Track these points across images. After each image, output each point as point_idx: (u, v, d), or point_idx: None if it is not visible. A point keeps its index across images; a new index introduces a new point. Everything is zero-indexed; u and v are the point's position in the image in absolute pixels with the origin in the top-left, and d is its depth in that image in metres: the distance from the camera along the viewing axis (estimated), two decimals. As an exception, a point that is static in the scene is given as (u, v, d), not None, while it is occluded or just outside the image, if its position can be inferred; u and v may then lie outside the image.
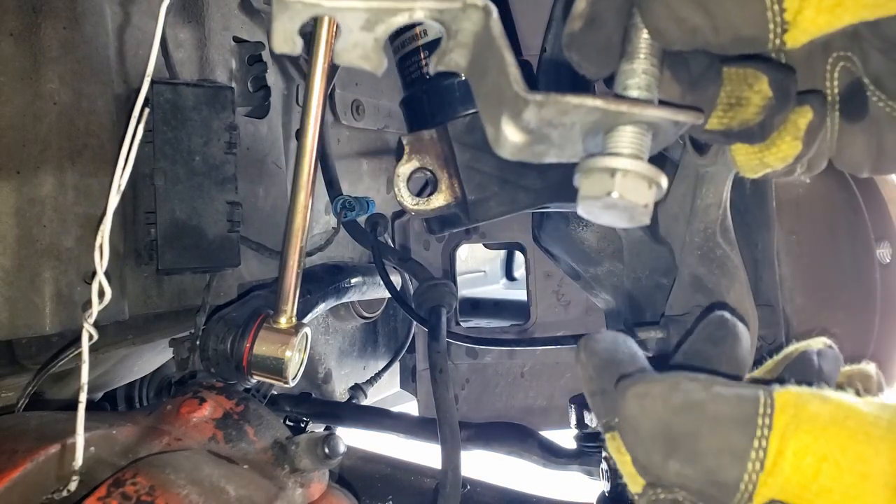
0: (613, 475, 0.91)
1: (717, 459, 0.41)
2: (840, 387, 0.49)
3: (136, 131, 0.63)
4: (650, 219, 0.41)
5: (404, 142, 0.79)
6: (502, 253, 2.25)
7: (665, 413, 0.42)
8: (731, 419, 0.41)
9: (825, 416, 0.40)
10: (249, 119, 1.11)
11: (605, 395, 0.47)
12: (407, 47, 0.80)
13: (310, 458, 0.74)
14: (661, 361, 0.49)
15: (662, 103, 0.42)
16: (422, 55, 0.79)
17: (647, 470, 0.44)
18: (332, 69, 0.75)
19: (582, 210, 0.41)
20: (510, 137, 0.41)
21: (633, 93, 0.41)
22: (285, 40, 0.38)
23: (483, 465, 1.14)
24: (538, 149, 0.43)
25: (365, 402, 1.52)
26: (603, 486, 0.94)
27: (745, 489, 0.40)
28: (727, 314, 0.51)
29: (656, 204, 0.41)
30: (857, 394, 0.43)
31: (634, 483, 0.46)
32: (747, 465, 0.40)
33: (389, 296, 1.13)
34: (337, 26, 0.41)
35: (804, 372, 0.49)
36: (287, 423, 1.16)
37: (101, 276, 0.61)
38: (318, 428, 1.25)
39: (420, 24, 0.79)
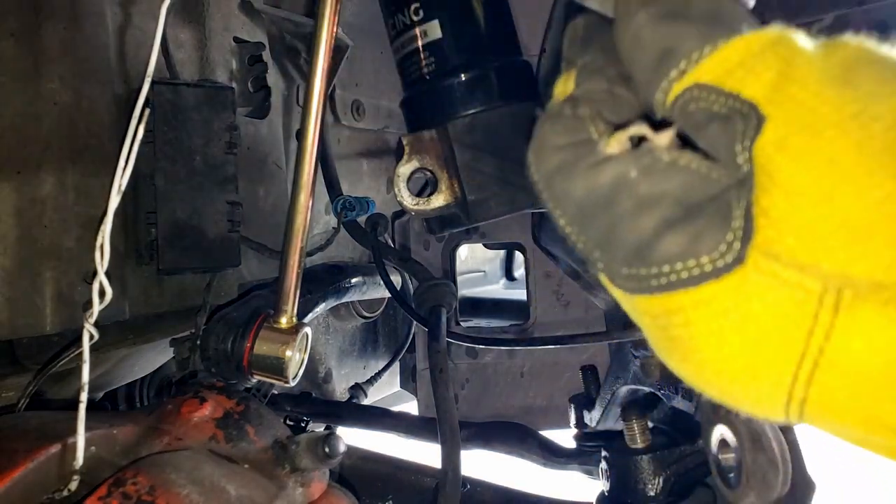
0: (613, 475, 0.91)
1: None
2: None
3: (136, 131, 0.63)
4: None
5: (404, 142, 0.79)
6: (502, 253, 2.25)
7: None
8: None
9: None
10: (250, 119, 1.11)
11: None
12: (407, 48, 0.80)
13: (310, 458, 0.74)
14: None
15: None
16: (422, 56, 0.79)
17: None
18: (333, 70, 0.75)
19: None
20: None
21: None
22: None
23: (483, 464, 1.14)
24: None
25: (365, 402, 1.52)
26: (602, 485, 0.94)
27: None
28: None
29: None
30: None
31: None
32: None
33: (389, 296, 1.13)
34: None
35: None
36: (287, 422, 1.17)
37: (101, 276, 0.61)
38: (318, 427, 1.26)
39: (420, 24, 0.79)
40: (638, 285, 0.36)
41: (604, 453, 0.93)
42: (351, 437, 1.01)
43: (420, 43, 0.79)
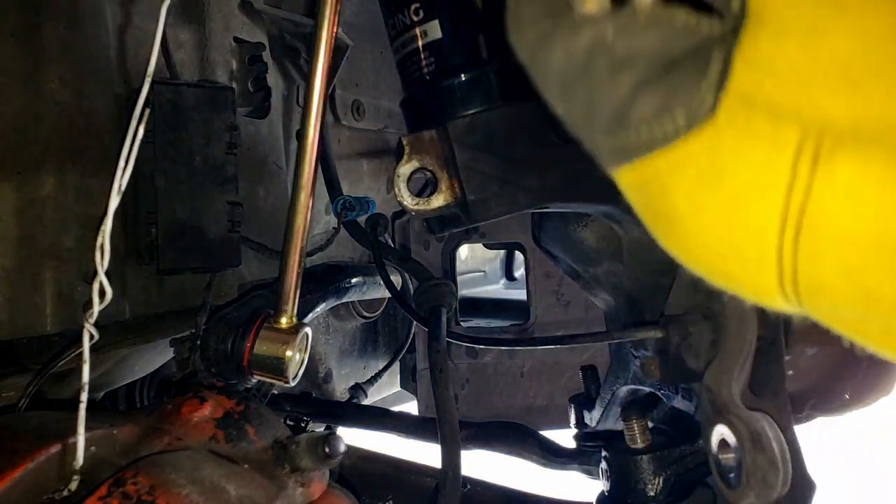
0: (613, 475, 0.91)
1: None
2: None
3: (136, 131, 0.63)
4: None
5: (404, 142, 0.79)
6: (502, 253, 2.25)
7: None
8: None
9: None
10: (250, 119, 1.11)
11: None
12: (407, 48, 0.80)
13: (310, 458, 0.74)
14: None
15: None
16: (422, 56, 0.79)
17: None
18: (333, 70, 0.75)
19: None
20: None
21: None
22: None
23: (483, 464, 1.14)
24: None
25: (365, 402, 1.52)
26: (602, 485, 0.94)
27: None
28: None
29: None
30: None
31: None
32: None
33: (389, 296, 1.13)
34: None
35: None
36: (287, 422, 1.17)
37: (101, 276, 0.61)
38: (318, 427, 1.26)
39: (420, 24, 0.79)
40: (619, 156, 0.35)
41: (604, 453, 0.93)
42: (351, 437, 1.01)
43: (420, 43, 0.79)
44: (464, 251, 1.95)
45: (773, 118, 0.29)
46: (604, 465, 0.93)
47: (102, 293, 0.62)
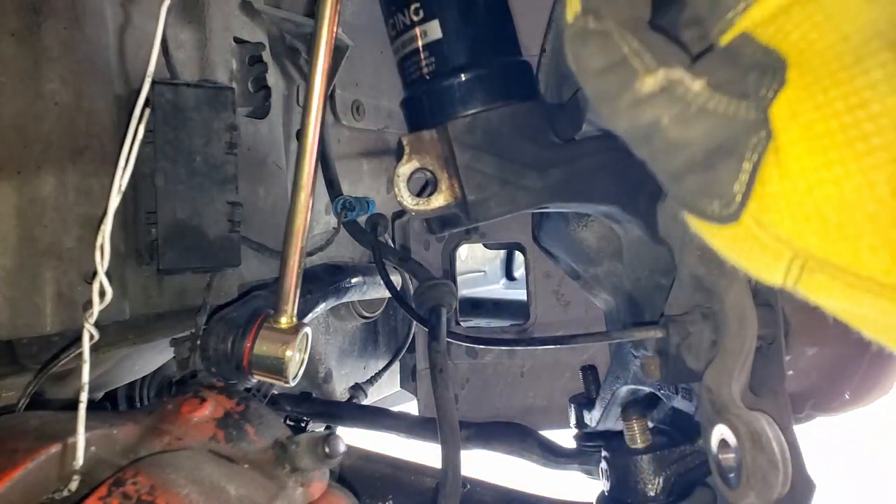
0: (613, 475, 0.91)
1: None
2: None
3: (136, 131, 0.63)
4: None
5: (404, 142, 0.79)
6: (502, 253, 2.25)
7: None
8: None
9: None
10: (250, 119, 1.11)
11: None
12: (407, 48, 0.80)
13: (310, 458, 0.74)
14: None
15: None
16: (422, 56, 0.79)
17: None
18: (333, 70, 0.75)
19: None
20: None
21: None
22: None
23: (483, 464, 1.14)
24: None
25: (365, 402, 1.52)
26: (602, 485, 0.94)
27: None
28: None
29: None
30: None
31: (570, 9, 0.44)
32: None
33: (389, 295, 1.13)
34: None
35: None
36: (287, 422, 1.17)
37: (101, 276, 0.61)
38: (318, 427, 1.26)
39: (420, 24, 0.79)
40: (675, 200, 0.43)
41: (604, 453, 0.93)
42: (351, 437, 1.01)
43: (420, 43, 0.79)
44: (464, 251, 1.95)
45: (774, 239, 0.39)
46: (604, 465, 0.93)
47: (102, 293, 0.62)
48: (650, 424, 0.90)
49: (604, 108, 0.43)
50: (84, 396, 0.62)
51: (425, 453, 1.06)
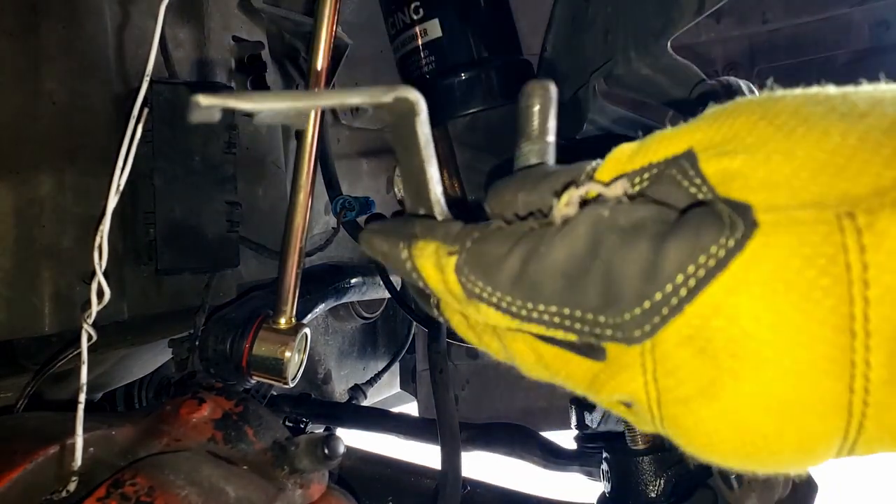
0: (614, 476, 0.91)
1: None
2: None
3: (135, 131, 0.63)
4: None
5: (404, 141, 0.79)
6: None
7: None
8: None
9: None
10: (249, 119, 1.10)
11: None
12: (407, 46, 0.80)
13: (309, 459, 0.74)
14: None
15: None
16: (422, 54, 0.79)
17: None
18: (332, 69, 0.75)
19: None
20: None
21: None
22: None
23: (483, 465, 1.14)
24: None
25: (365, 403, 1.52)
26: (603, 486, 0.93)
27: None
28: None
29: None
30: None
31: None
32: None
33: (389, 296, 1.13)
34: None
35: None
36: (286, 424, 1.16)
37: (99, 277, 0.61)
38: (317, 429, 1.25)
39: (420, 23, 0.79)
40: (662, 316, 0.33)
41: (605, 454, 0.93)
42: (350, 438, 1.01)
43: (420, 42, 0.78)
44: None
45: (804, 207, 0.31)
46: (605, 466, 0.92)
47: (101, 293, 0.61)
48: (651, 425, 0.89)
49: (525, 276, 0.38)
50: (82, 397, 0.62)
51: (425, 455, 1.06)
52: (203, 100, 0.34)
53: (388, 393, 1.69)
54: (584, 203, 0.37)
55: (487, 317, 0.41)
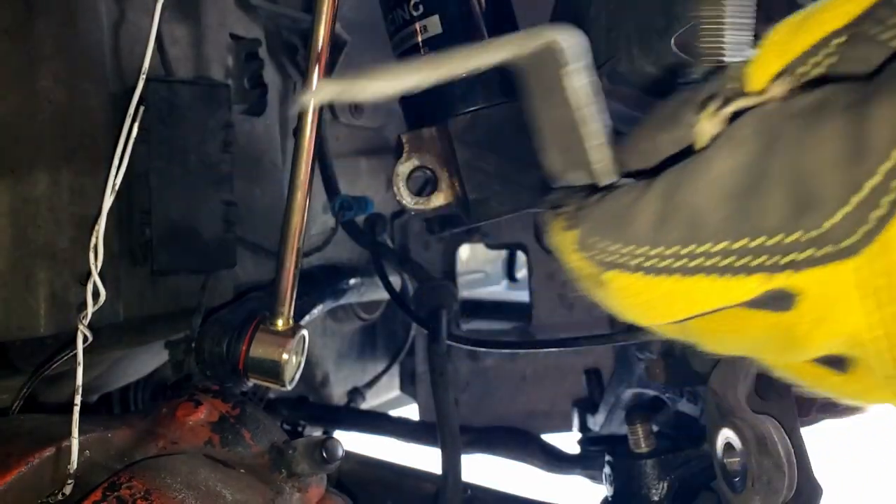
0: (616, 479, 0.90)
1: None
2: None
3: (131, 130, 0.62)
4: None
5: (404, 140, 0.78)
6: (504, 253, 2.24)
7: None
8: None
9: None
10: (246, 117, 1.10)
11: None
12: (406, 43, 0.79)
13: (307, 463, 0.73)
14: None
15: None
16: (422, 52, 0.78)
17: None
18: (330, 66, 0.74)
19: None
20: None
21: None
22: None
23: (485, 469, 1.13)
24: None
25: (364, 406, 1.52)
26: (606, 490, 0.93)
27: None
28: None
29: None
30: None
31: None
32: None
33: (388, 297, 1.12)
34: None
35: None
36: (284, 427, 1.15)
37: (95, 277, 0.60)
38: (315, 432, 1.25)
39: (420, 19, 0.78)
40: (882, 208, 0.26)
41: (607, 458, 0.92)
42: (349, 441, 1.00)
43: (420, 38, 0.78)
44: (464, 251, 1.94)
45: None
46: (607, 469, 0.92)
47: (96, 294, 0.61)
48: (654, 428, 0.89)
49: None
50: (78, 399, 0.62)
51: (426, 458, 1.06)
52: (323, 88, 0.30)
53: (387, 395, 1.68)
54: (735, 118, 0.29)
55: (631, 291, 0.31)
